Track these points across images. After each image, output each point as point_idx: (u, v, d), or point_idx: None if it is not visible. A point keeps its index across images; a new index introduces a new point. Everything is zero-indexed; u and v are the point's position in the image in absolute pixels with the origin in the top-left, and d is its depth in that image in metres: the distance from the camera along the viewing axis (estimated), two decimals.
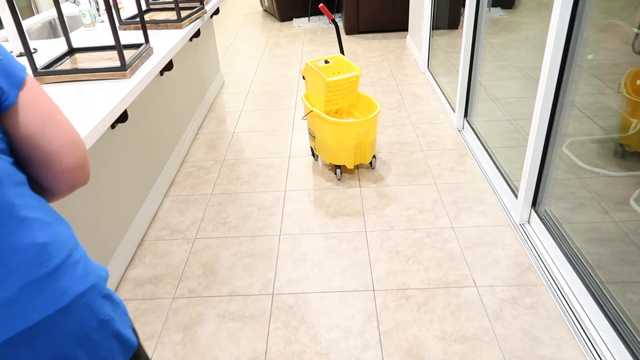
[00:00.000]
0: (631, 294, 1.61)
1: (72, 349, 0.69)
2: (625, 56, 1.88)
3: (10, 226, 0.65)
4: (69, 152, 0.75)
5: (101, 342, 0.74)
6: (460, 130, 3.23)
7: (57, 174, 0.75)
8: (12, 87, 0.70)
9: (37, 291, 0.66)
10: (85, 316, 0.71)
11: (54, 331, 0.66)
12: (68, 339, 0.68)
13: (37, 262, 0.67)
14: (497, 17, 2.93)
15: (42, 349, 0.65)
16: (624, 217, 1.78)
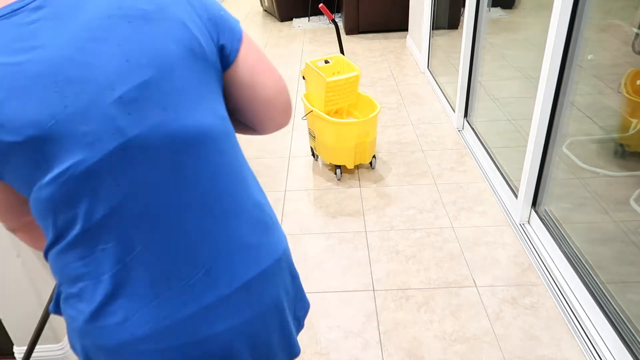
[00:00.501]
0: (631, 294, 1.61)
1: (282, 295, 0.80)
2: (625, 56, 1.88)
3: (245, 183, 0.75)
4: (280, 97, 0.81)
5: (293, 295, 0.85)
6: (460, 130, 3.23)
7: (268, 118, 0.83)
8: (235, 42, 0.74)
9: (269, 238, 0.78)
10: (288, 268, 0.82)
11: (265, 282, 0.76)
12: (281, 285, 0.80)
13: (264, 214, 0.78)
14: (497, 17, 2.93)
15: (260, 296, 0.76)
16: (624, 217, 1.78)
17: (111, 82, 0.62)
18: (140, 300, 0.69)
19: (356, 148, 2.62)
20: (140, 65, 0.63)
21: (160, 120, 0.65)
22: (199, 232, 0.70)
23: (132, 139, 0.64)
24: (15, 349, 1.69)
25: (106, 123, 0.62)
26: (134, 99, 0.63)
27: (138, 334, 0.69)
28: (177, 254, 0.69)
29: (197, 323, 0.71)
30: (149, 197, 0.66)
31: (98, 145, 0.62)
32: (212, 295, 0.71)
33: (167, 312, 0.69)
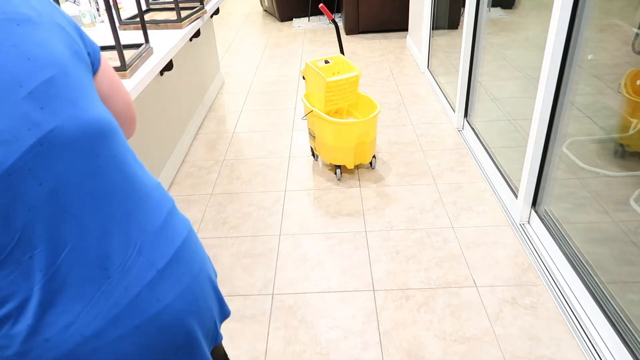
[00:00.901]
0: (631, 294, 1.61)
1: (204, 258, 0.86)
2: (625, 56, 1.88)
3: (142, 167, 0.79)
4: (129, 112, 0.88)
5: (208, 258, 0.89)
6: (460, 130, 3.23)
7: None
8: (96, 52, 0.79)
9: (173, 219, 0.80)
10: (198, 246, 0.85)
11: (187, 252, 0.80)
12: (200, 250, 0.85)
13: (165, 197, 0.81)
14: (497, 17, 2.93)
15: (189, 264, 0.80)
16: (624, 217, 1.78)
17: (18, 80, 0.62)
18: (82, 299, 0.67)
19: (356, 148, 2.62)
20: (42, 63, 0.65)
21: (72, 113, 0.66)
22: (124, 214, 0.71)
23: (49, 132, 0.63)
24: None
25: (21, 119, 0.61)
26: (44, 93, 0.63)
27: (88, 333, 0.67)
28: (108, 240, 0.69)
29: (144, 302, 0.72)
30: (72, 190, 0.66)
31: (15, 142, 0.60)
32: (151, 272, 0.73)
33: (112, 301, 0.69)
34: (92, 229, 0.68)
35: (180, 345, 0.77)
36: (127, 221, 0.72)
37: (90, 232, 0.68)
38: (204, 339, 0.83)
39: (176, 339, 0.76)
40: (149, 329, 0.72)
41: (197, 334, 0.80)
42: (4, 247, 0.61)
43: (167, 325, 0.74)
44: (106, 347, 0.69)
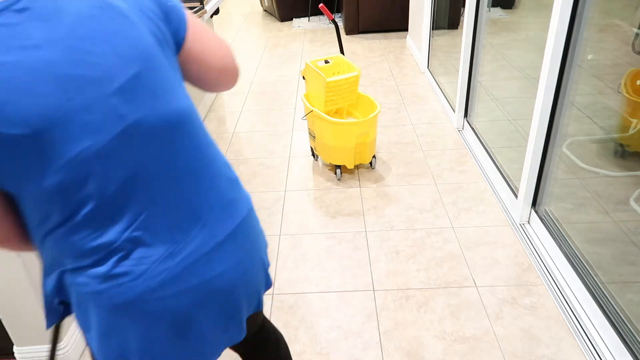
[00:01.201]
0: (631, 294, 1.61)
1: (257, 236, 0.95)
2: (625, 56, 1.88)
3: (215, 149, 0.88)
4: (223, 67, 0.92)
5: (262, 235, 0.98)
6: (460, 130, 3.23)
7: (220, 84, 0.94)
8: (182, 22, 0.83)
9: (236, 198, 0.90)
10: (254, 223, 0.94)
11: (245, 229, 0.90)
12: (256, 229, 0.95)
13: (232, 172, 0.92)
14: (497, 17, 2.93)
15: (244, 240, 0.90)
16: (624, 217, 1.78)
17: (110, 76, 0.70)
18: (152, 256, 0.79)
19: (356, 148, 2.62)
20: (130, 59, 0.72)
21: (152, 106, 0.74)
22: (193, 193, 0.82)
23: (132, 123, 0.73)
24: (15, 349, 1.69)
25: (109, 111, 0.70)
26: (130, 89, 0.72)
27: (153, 285, 0.79)
28: (178, 213, 0.81)
29: (201, 268, 0.83)
30: (150, 171, 0.76)
31: (104, 131, 0.70)
32: (210, 243, 0.84)
33: (176, 262, 0.80)
34: (164, 204, 0.79)
35: (224, 309, 0.89)
36: (197, 200, 0.83)
37: (163, 207, 0.79)
38: (245, 307, 0.94)
39: (222, 303, 0.88)
40: (202, 290, 0.84)
41: (241, 302, 0.92)
42: (93, 213, 0.74)
43: (216, 291, 0.85)
44: (165, 298, 0.80)
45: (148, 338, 0.83)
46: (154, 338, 0.83)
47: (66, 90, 0.67)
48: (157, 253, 0.79)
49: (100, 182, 0.73)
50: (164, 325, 0.83)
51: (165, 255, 0.79)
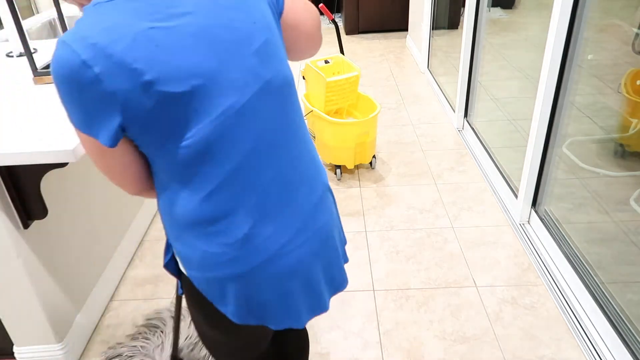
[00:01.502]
0: (631, 294, 1.61)
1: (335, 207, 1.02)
2: (625, 56, 1.88)
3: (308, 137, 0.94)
4: (315, 30, 0.97)
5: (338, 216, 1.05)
6: (460, 130, 3.23)
7: (306, 49, 0.99)
8: None
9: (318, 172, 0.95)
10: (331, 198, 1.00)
11: (327, 200, 0.97)
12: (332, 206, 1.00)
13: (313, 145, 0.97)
14: (497, 17, 2.93)
15: (331, 201, 0.99)
16: (624, 217, 1.78)
17: (249, 39, 0.78)
18: (279, 216, 0.86)
19: (356, 148, 2.62)
20: (262, 27, 0.81)
21: (278, 68, 0.83)
22: (302, 151, 0.90)
23: (266, 82, 0.81)
24: (15, 349, 1.69)
25: (250, 70, 0.78)
26: (263, 52, 0.80)
27: (283, 241, 0.86)
28: (293, 176, 0.88)
29: (311, 220, 0.91)
30: (273, 126, 0.83)
31: (246, 88, 0.78)
32: (315, 197, 0.92)
33: (295, 218, 0.88)
34: (284, 165, 0.86)
35: (332, 255, 0.98)
36: (302, 158, 0.90)
37: (283, 167, 0.86)
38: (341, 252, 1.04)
39: (330, 250, 0.97)
40: (316, 238, 0.92)
41: (339, 249, 1.02)
42: (228, 174, 0.80)
43: (325, 237, 0.94)
44: (292, 251, 0.88)
45: (283, 294, 0.90)
46: (287, 293, 0.91)
47: (217, 52, 0.75)
48: (282, 212, 0.86)
49: (236, 144, 0.79)
50: (294, 278, 0.90)
51: (287, 214, 0.87)
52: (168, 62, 0.70)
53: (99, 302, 1.92)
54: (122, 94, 0.70)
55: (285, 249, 0.87)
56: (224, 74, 0.75)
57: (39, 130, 1.34)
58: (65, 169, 1.72)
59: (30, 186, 1.44)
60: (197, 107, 0.74)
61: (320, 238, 0.94)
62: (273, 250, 0.86)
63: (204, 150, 0.76)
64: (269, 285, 0.88)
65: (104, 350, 1.77)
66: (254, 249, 0.84)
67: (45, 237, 1.60)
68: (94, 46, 0.68)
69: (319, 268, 0.95)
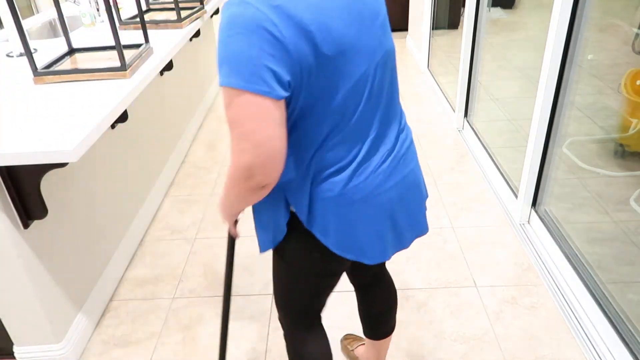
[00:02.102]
0: (631, 294, 1.61)
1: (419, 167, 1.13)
2: (625, 56, 1.88)
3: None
4: None
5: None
6: (460, 130, 3.23)
7: None
8: None
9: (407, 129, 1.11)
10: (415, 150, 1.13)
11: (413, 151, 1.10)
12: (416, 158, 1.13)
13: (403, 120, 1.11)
14: (497, 17, 2.93)
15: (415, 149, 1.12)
16: (624, 217, 1.78)
17: (377, 13, 0.92)
18: (377, 161, 0.99)
19: None
20: (380, 4, 0.95)
21: (391, 39, 0.98)
22: (397, 112, 1.05)
23: (386, 50, 0.95)
24: (15, 348, 1.69)
25: (377, 39, 0.91)
26: (384, 25, 0.94)
27: (377, 182, 0.99)
28: (388, 127, 1.01)
29: (401, 167, 1.04)
30: (383, 91, 0.97)
31: (374, 54, 0.91)
32: (403, 149, 1.05)
33: (388, 164, 1.01)
34: (383, 121, 0.99)
35: (416, 201, 1.10)
36: (396, 118, 1.05)
37: (382, 123, 0.99)
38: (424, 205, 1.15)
39: (415, 197, 1.09)
40: (403, 184, 1.04)
41: (424, 198, 1.14)
42: (353, 127, 0.93)
43: (412, 184, 1.07)
44: (385, 192, 1.01)
45: (375, 226, 1.02)
46: (379, 226, 1.03)
47: (357, 22, 0.86)
48: (381, 159, 1.00)
49: (361, 100, 0.92)
50: (385, 214, 1.03)
51: (382, 160, 1.00)
52: (328, 28, 0.80)
53: (99, 302, 1.92)
54: (296, 52, 0.77)
55: (379, 189, 1.01)
56: (362, 40, 0.87)
57: (39, 130, 1.34)
58: (65, 169, 1.72)
59: (30, 186, 1.44)
60: (342, 70, 0.85)
61: (406, 184, 1.07)
62: (370, 190, 1.00)
63: (342, 110, 0.90)
64: (363, 221, 1.02)
65: None
66: (354, 188, 0.98)
67: (45, 237, 1.60)
68: (278, 7, 0.75)
69: (404, 210, 1.08)
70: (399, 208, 1.05)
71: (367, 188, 0.99)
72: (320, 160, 0.94)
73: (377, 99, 0.95)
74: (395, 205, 1.04)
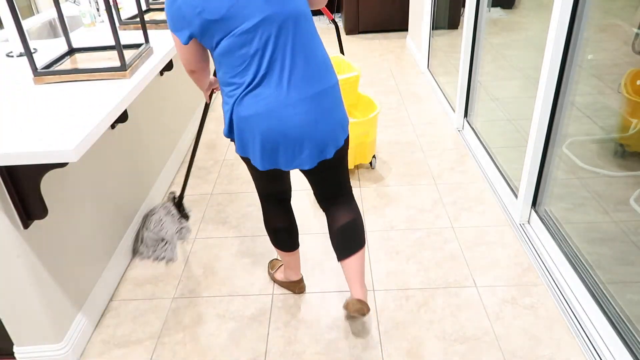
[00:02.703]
0: (631, 294, 1.61)
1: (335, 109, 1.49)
2: (625, 56, 1.88)
3: (320, 41, 1.47)
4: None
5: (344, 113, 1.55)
6: (460, 130, 3.23)
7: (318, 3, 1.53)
8: None
9: (328, 75, 1.47)
10: (337, 95, 1.50)
11: (328, 95, 1.45)
12: (332, 101, 1.47)
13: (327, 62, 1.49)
14: (497, 17, 2.93)
15: (325, 101, 1.45)
16: (624, 217, 1.78)
17: None
18: (275, 88, 1.38)
19: (356, 148, 2.62)
20: None
21: (280, 7, 1.33)
22: (311, 61, 1.41)
23: (268, 15, 1.31)
24: (15, 348, 1.69)
25: (257, 8, 1.30)
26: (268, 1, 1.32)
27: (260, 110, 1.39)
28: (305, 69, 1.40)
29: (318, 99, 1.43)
30: (278, 44, 1.35)
31: (253, 18, 1.31)
32: (300, 96, 1.40)
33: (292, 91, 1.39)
34: (293, 62, 1.37)
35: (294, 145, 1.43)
36: (313, 65, 1.41)
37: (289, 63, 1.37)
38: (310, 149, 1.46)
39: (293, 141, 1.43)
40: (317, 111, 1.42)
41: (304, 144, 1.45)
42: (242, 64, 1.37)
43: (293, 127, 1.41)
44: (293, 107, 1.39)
45: (262, 145, 1.42)
46: (264, 146, 1.43)
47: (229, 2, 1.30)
48: (279, 87, 1.37)
49: (253, 45, 1.33)
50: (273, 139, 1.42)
51: (284, 87, 1.37)
52: (209, 4, 1.29)
53: (99, 302, 1.92)
54: (189, 17, 1.31)
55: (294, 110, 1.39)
56: (237, 10, 1.29)
57: (39, 130, 1.34)
58: (65, 169, 1.72)
59: (30, 186, 1.44)
60: (226, 27, 1.32)
61: (322, 113, 1.43)
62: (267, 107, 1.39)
63: (232, 50, 1.35)
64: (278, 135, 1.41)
65: None
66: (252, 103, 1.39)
67: (45, 237, 1.60)
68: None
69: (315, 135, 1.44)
70: (279, 143, 1.43)
71: (266, 106, 1.38)
72: (230, 82, 1.41)
73: (266, 49, 1.34)
74: (274, 137, 1.41)
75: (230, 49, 1.33)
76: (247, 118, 1.39)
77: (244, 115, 1.39)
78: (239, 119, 1.40)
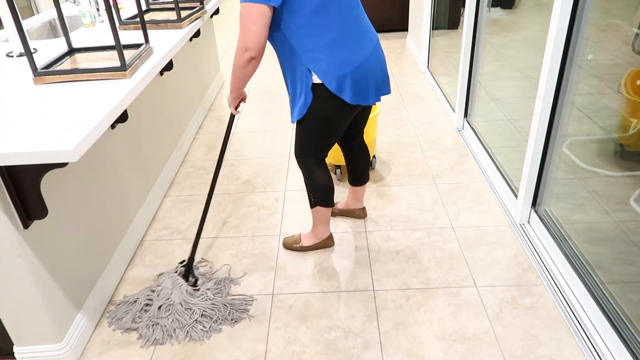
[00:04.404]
0: (631, 294, 1.61)
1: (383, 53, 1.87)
2: (625, 56, 1.88)
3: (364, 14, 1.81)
4: None
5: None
6: (460, 130, 3.23)
7: None
8: None
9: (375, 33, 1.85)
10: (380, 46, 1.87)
11: (379, 44, 1.82)
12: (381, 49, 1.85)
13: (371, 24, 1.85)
14: (497, 17, 2.93)
15: (380, 48, 1.83)
16: (624, 217, 1.78)
17: None
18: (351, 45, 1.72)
19: None
20: None
21: None
22: (364, 24, 1.76)
23: None
24: (15, 348, 1.69)
25: None
26: None
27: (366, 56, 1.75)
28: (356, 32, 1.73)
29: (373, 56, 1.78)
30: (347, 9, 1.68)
31: None
32: (371, 45, 1.77)
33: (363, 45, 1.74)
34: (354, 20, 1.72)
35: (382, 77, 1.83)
36: (365, 26, 1.77)
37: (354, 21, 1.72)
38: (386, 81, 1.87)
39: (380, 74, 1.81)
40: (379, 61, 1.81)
41: (386, 75, 1.87)
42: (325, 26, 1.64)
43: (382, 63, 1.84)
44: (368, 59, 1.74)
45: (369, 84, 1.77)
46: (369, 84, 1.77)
47: None
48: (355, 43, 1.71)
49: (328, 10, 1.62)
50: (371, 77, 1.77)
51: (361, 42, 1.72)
52: None
53: (99, 302, 1.92)
54: None
55: (367, 60, 1.73)
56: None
57: (39, 130, 1.34)
58: (65, 169, 1.72)
59: (30, 186, 1.44)
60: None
61: (380, 62, 1.80)
62: (362, 60, 1.71)
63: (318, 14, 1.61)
64: (364, 79, 1.73)
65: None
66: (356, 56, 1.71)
67: (45, 237, 1.60)
68: None
69: (379, 76, 1.80)
70: (370, 78, 1.75)
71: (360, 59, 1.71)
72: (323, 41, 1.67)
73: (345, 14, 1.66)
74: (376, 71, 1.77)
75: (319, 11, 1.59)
76: (362, 64, 1.70)
77: (359, 63, 1.70)
78: (354, 68, 1.69)
